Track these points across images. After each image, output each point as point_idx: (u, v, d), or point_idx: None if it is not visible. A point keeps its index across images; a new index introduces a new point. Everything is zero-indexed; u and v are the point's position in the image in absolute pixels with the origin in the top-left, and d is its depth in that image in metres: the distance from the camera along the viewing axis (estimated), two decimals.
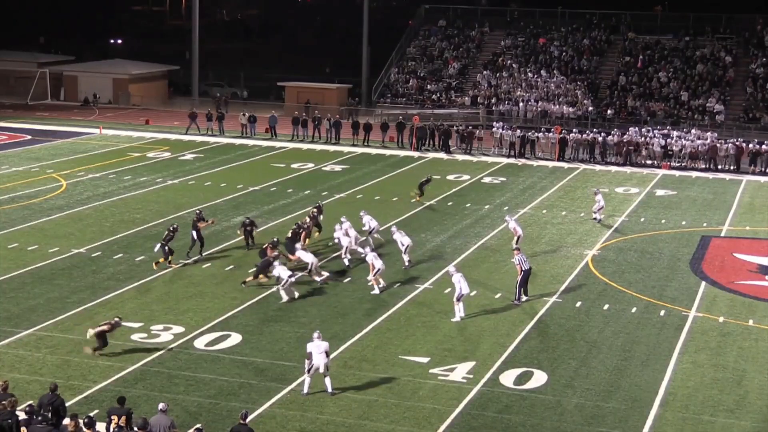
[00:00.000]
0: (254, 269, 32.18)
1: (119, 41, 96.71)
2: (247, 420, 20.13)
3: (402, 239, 34.18)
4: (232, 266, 33.96)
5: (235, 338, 27.14)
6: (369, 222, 36.58)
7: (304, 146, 59.40)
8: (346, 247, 34.54)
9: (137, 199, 44.23)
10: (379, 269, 31.50)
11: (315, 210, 37.88)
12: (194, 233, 34.58)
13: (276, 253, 32.06)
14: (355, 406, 23.39)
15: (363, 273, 33.22)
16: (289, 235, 34.41)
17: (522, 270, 30.93)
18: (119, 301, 29.96)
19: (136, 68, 79.84)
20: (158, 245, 33.48)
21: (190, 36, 77.23)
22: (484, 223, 41.24)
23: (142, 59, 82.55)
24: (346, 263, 34.32)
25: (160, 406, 19.97)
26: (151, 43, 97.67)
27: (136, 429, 19.00)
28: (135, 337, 27.25)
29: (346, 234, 34.82)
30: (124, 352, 26.13)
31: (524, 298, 31.09)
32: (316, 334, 24.04)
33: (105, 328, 25.80)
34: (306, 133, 61.73)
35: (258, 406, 23.02)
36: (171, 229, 33.82)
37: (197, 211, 35.88)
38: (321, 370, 23.62)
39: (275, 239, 33.57)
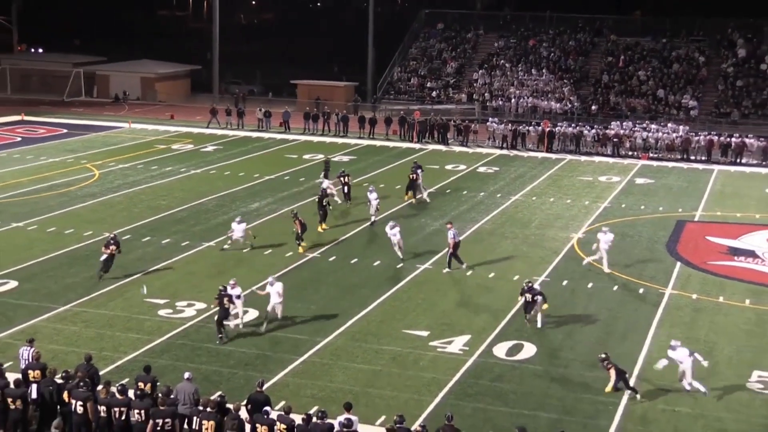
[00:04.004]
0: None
1: (146, 43, 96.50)
2: (264, 388, 20.17)
3: (391, 232, 32.93)
4: (248, 249, 33.95)
5: (253, 314, 27.16)
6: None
7: (315, 139, 59.30)
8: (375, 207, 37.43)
9: (163, 187, 44.21)
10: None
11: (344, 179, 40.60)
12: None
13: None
14: (362, 375, 23.44)
15: (368, 254, 33.27)
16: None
17: (454, 243, 31.80)
18: (147, 280, 29.98)
19: (162, 68, 79.69)
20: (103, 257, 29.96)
21: (210, 38, 77.13)
22: (479, 209, 41.18)
23: (167, 59, 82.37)
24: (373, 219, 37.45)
25: (186, 374, 20.03)
26: (175, 44, 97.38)
27: (160, 395, 19.05)
28: (162, 312, 27.30)
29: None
30: (152, 327, 26.20)
31: (463, 265, 31.88)
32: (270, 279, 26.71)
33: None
34: (316, 126, 61.64)
35: (273, 376, 23.06)
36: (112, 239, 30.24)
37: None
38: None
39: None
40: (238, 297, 25.91)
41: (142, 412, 18.57)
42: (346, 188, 40.50)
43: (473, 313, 28.08)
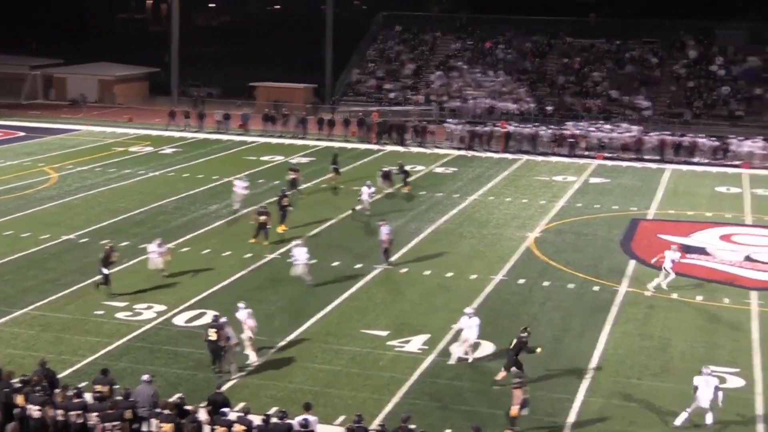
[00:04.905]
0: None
1: (105, 45, 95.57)
2: (223, 389, 20.08)
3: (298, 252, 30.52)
4: (208, 250, 33.78)
5: (212, 315, 26.96)
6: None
7: (274, 140, 59.10)
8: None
9: (122, 189, 43.86)
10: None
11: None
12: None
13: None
14: (322, 375, 23.40)
15: (328, 254, 33.24)
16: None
17: (388, 240, 32.23)
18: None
19: (120, 70, 78.99)
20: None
21: (169, 41, 76.57)
22: (437, 209, 41.28)
23: (125, 62, 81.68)
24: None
25: (144, 377, 19.87)
26: (134, 47, 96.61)
27: (118, 398, 18.90)
28: (120, 315, 27.08)
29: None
30: (111, 329, 25.97)
31: (386, 265, 32.09)
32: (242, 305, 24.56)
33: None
34: (275, 128, 61.46)
35: (233, 377, 22.95)
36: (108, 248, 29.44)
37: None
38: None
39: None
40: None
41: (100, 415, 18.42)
42: (282, 210, 36.68)
43: (431, 312, 28.13)
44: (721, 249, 35.74)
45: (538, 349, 23.18)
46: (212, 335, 22.90)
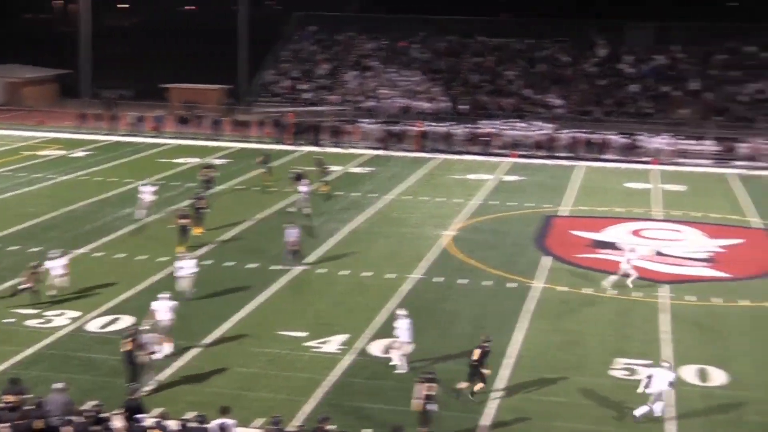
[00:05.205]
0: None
1: (12, 47, 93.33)
2: (139, 394, 19.80)
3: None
4: (122, 254, 33.28)
5: (127, 320, 26.61)
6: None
7: (188, 142, 58.48)
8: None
9: (32, 194, 42.94)
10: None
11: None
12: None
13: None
14: (239, 378, 23.24)
15: (244, 256, 33.04)
16: None
17: (294, 241, 32.20)
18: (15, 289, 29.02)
19: (29, 72, 77.25)
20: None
21: (79, 42, 75.16)
22: (354, 209, 41.34)
23: (34, 64, 79.92)
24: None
25: (57, 385, 19.47)
26: (43, 48, 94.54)
27: (29, 407, 18.50)
28: (30, 322, 26.50)
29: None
30: (21, 337, 25.40)
31: (295, 266, 31.91)
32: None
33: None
34: (190, 130, 60.84)
35: (150, 382, 22.64)
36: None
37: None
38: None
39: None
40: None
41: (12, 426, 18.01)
42: (198, 212, 35.76)
43: (349, 312, 28.15)
44: (631, 244, 36.45)
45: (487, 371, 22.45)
46: (127, 345, 22.26)
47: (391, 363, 23.99)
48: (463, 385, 22.22)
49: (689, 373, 23.84)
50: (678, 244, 36.51)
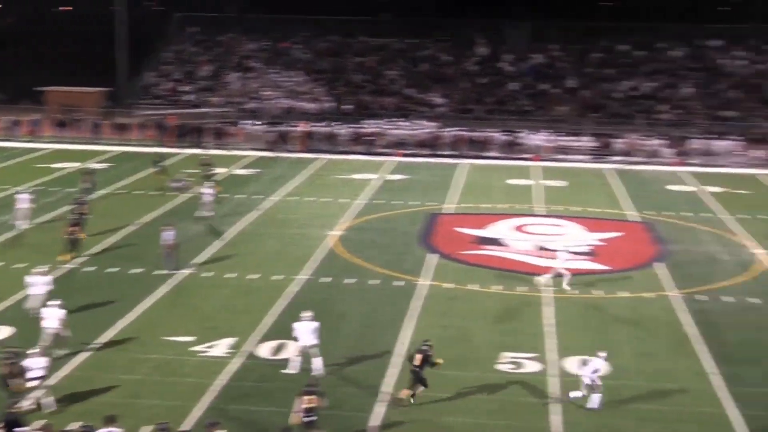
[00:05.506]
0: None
1: None
2: (21, 407, 19.20)
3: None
4: (1, 263, 32.25)
5: (6, 331, 25.79)
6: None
7: (67, 147, 57.01)
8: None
9: None
10: None
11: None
12: None
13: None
14: (125, 385, 22.76)
15: (128, 262, 32.43)
16: None
17: (172, 245, 31.83)
18: None
19: None
20: None
21: None
22: (239, 211, 40.97)
23: None
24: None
25: None
26: None
27: None
28: None
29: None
30: None
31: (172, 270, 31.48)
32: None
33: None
34: (68, 134, 59.37)
35: (32, 393, 21.95)
36: None
37: None
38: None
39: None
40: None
41: None
42: (78, 218, 34.23)
43: (236, 315, 27.89)
44: (515, 239, 37.15)
45: (440, 360, 22.30)
46: (3, 369, 20.78)
47: (285, 370, 23.73)
48: (405, 392, 22.09)
49: (573, 364, 24.38)
50: (560, 239, 37.33)
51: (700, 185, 49.42)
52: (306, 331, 23.70)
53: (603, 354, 22.47)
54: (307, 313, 24.13)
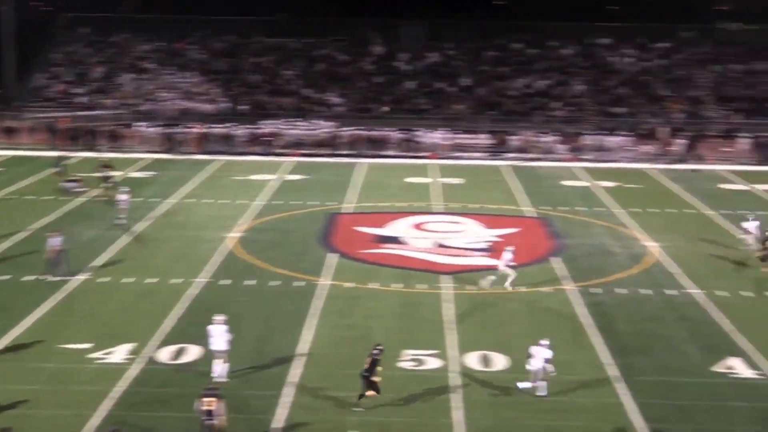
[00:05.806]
0: None
1: None
2: None
3: None
4: None
5: None
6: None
7: None
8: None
9: None
10: None
11: None
12: None
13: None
14: (20, 396, 22.13)
15: (19, 269, 31.60)
16: None
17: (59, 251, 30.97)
18: None
19: None
20: None
21: None
22: (136, 215, 40.25)
23: None
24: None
25: None
26: None
27: None
28: None
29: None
30: None
31: (50, 276, 30.65)
32: None
33: None
34: None
35: None
36: None
37: None
38: None
39: None
40: None
41: None
42: None
43: (134, 320, 27.41)
44: (414, 237, 37.42)
45: (378, 372, 21.90)
46: None
47: (212, 375, 23.32)
48: (370, 394, 21.85)
49: (473, 359, 24.68)
50: (458, 236, 37.74)
51: (593, 180, 50.57)
52: (218, 333, 23.35)
53: (545, 342, 22.88)
54: (220, 317, 23.75)
